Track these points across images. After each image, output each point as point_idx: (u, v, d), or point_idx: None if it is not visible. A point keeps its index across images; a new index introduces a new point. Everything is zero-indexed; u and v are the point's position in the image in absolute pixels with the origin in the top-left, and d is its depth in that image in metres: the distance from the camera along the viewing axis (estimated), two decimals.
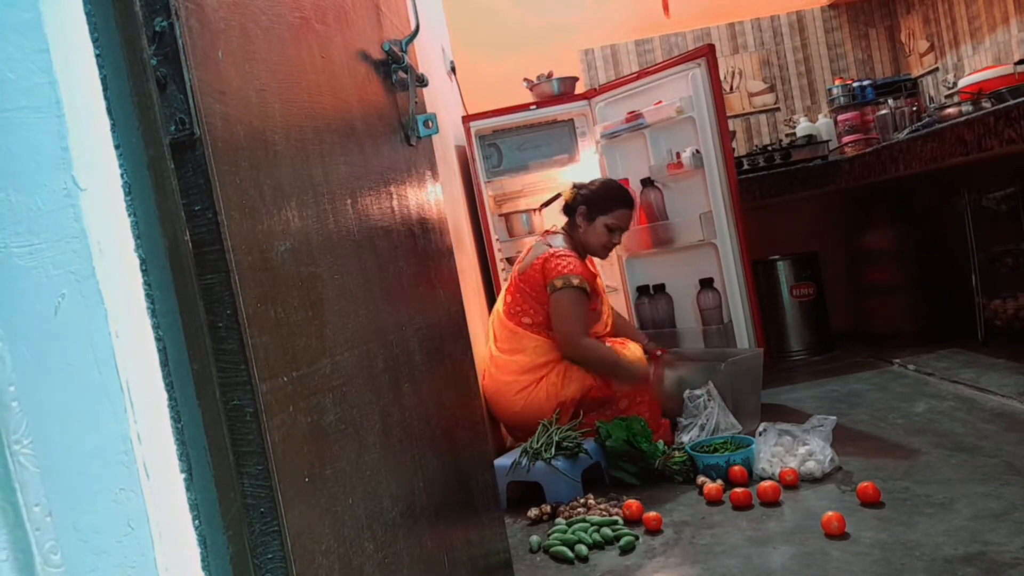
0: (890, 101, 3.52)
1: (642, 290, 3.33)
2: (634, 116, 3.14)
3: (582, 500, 2.11)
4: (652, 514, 1.92)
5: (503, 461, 2.31)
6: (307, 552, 0.71)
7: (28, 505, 0.57)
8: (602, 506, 2.07)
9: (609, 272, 3.62)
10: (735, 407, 2.54)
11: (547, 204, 3.10)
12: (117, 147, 0.64)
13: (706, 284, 3.08)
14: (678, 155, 3.05)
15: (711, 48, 2.96)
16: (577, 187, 2.74)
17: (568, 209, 2.74)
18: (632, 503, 2.00)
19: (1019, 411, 2.30)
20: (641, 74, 3.21)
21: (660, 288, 3.24)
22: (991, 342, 3.11)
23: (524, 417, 2.54)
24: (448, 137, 3.00)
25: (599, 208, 2.66)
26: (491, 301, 3.26)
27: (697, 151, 2.97)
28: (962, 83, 3.04)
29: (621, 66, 4.11)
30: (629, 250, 3.32)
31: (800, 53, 4.15)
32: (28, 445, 0.58)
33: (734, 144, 3.86)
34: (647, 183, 3.20)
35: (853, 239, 3.75)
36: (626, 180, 3.29)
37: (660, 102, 3.09)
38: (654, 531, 1.89)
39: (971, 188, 3.03)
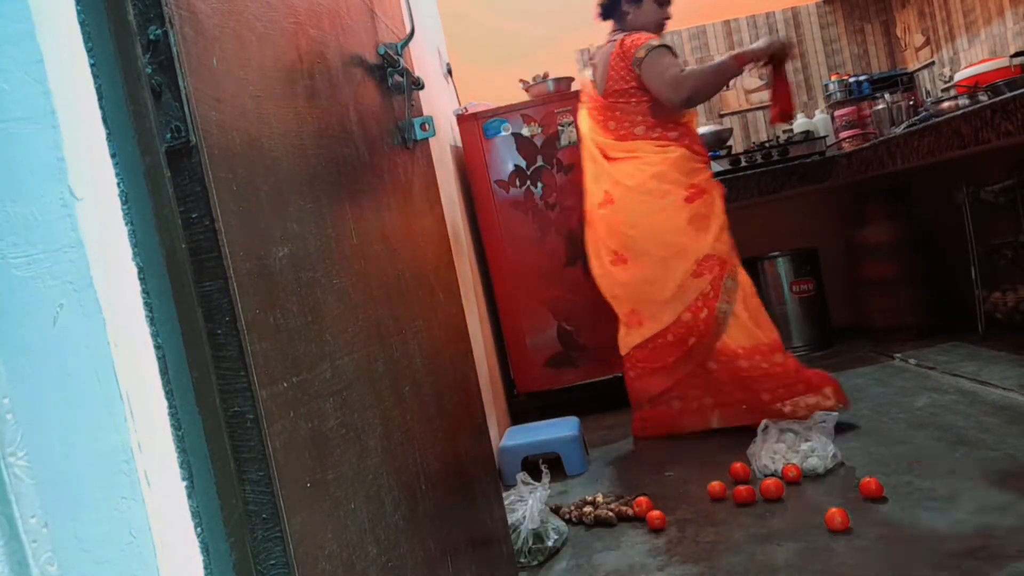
0: (887, 96, 3.53)
1: None
2: None
3: (589, 498, 2.10)
4: (656, 512, 1.92)
5: (516, 440, 2.51)
6: (310, 557, 0.71)
7: (24, 517, 0.57)
8: (611, 505, 2.05)
9: None
10: None
11: None
12: (113, 156, 0.64)
13: None
14: None
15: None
16: None
17: (610, 6, 2.70)
18: (642, 500, 2.00)
19: (1021, 404, 2.30)
20: None
21: None
22: (992, 335, 3.11)
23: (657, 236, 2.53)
24: (445, 139, 3.00)
25: None
26: (490, 302, 3.27)
27: None
28: (958, 77, 3.04)
29: None
30: None
31: (796, 49, 4.15)
32: (23, 457, 0.58)
33: (731, 142, 3.86)
34: None
35: (852, 234, 3.75)
36: None
37: None
38: (658, 529, 1.89)
39: (969, 181, 3.03)
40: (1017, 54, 2.79)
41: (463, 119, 3.27)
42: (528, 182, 3.25)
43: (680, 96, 2.49)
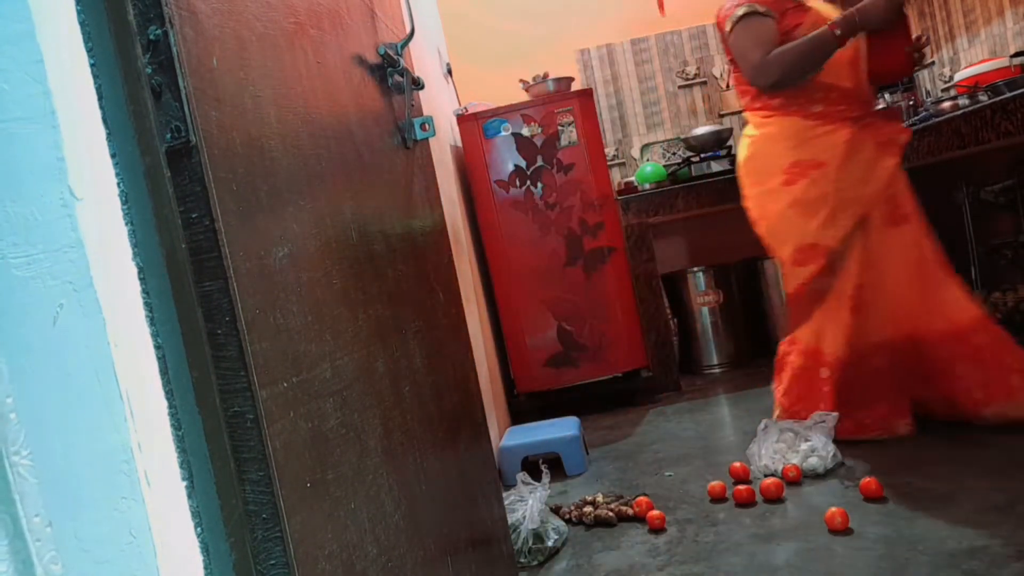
0: (886, 96, 3.52)
1: None
2: None
3: (589, 498, 2.10)
4: (656, 512, 1.92)
5: (516, 440, 2.52)
6: (310, 557, 0.71)
7: (28, 516, 0.58)
8: (611, 505, 2.04)
9: None
10: None
11: None
12: (113, 156, 0.64)
13: None
14: None
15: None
16: None
17: None
18: (642, 500, 2.00)
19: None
20: None
21: None
22: None
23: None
24: (445, 139, 3.00)
25: None
26: (490, 301, 3.27)
27: None
28: (958, 76, 3.04)
29: (617, 66, 4.11)
30: None
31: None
32: (27, 456, 0.58)
33: (731, 142, 3.87)
34: None
35: None
36: None
37: None
38: (658, 529, 1.89)
39: (969, 181, 3.03)
40: (1017, 54, 2.79)
41: (463, 119, 3.27)
42: (528, 182, 3.25)
43: (764, 83, 2.24)
